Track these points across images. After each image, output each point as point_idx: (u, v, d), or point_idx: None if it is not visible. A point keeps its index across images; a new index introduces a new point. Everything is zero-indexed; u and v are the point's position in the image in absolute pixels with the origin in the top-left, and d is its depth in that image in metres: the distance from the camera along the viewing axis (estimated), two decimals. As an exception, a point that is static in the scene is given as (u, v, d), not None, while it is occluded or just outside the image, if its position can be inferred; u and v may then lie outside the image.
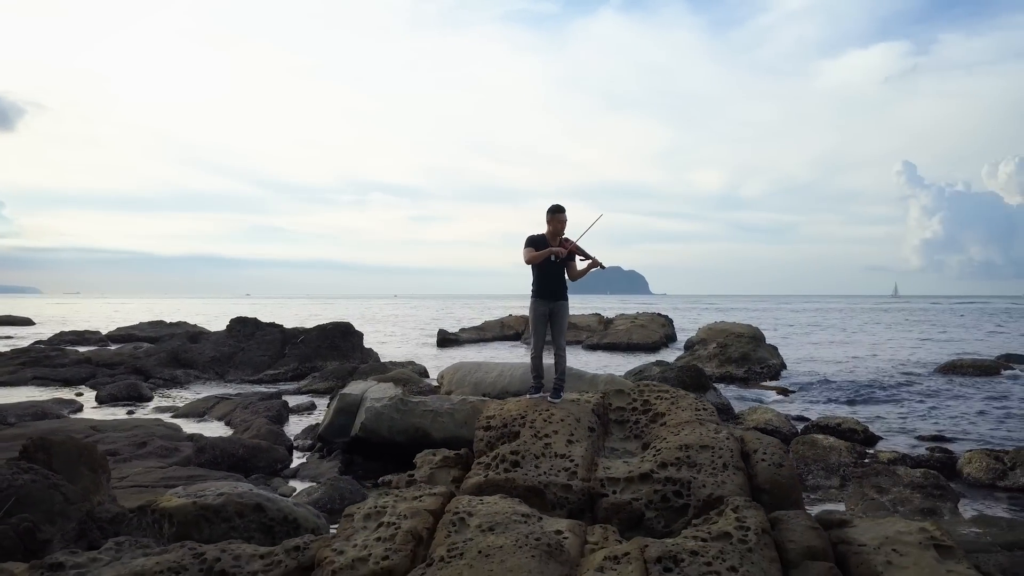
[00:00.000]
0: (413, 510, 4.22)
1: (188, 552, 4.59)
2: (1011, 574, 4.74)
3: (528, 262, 6.68)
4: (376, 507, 4.42)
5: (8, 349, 31.88)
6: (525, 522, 3.87)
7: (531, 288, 6.77)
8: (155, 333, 45.71)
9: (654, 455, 4.74)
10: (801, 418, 16.47)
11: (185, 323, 51.51)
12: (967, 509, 10.02)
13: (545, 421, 5.19)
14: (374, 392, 13.11)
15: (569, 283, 6.78)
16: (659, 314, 47.01)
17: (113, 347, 33.03)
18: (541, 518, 3.99)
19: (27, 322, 67.94)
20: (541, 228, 6.82)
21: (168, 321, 51.56)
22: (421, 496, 4.48)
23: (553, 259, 6.42)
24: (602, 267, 6.57)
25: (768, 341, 29.92)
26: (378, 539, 4.04)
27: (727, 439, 4.86)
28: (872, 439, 14.49)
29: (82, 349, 32.98)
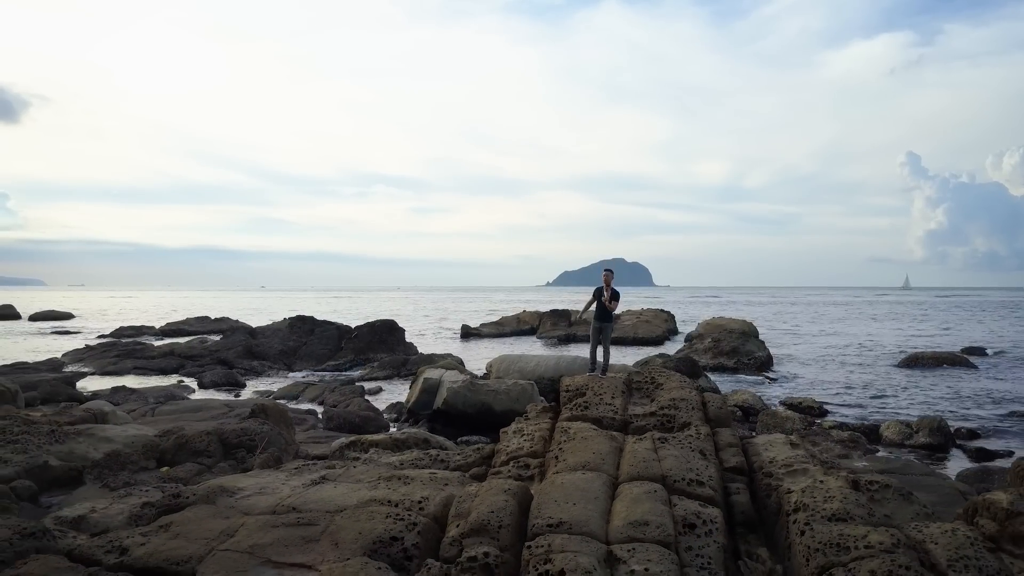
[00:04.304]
0: (539, 428, 8.67)
1: (419, 451, 9.03)
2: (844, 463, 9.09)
3: (583, 310, 11.47)
4: (517, 428, 8.86)
5: (97, 342, 36.11)
6: (596, 430, 8.30)
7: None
8: (203, 328, 49.70)
9: (657, 403, 9.17)
10: (774, 399, 20.95)
11: (228, 318, 55.59)
12: (874, 458, 14.43)
13: (599, 386, 9.63)
14: (449, 376, 17.58)
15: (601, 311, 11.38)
16: (662, 310, 51.29)
17: (183, 341, 37.21)
18: (604, 431, 8.41)
19: (68, 316, 71.92)
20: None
21: (212, 317, 55.74)
22: (539, 422, 8.93)
23: (602, 298, 10.99)
24: (610, 306, 11.17)
25: (764, 333, 33.94)
26: (524, 440, 8.47)
27: (695, 395, 9.34)
28: (824, 413, 18.96)
29: (157, 343, 37.16)
